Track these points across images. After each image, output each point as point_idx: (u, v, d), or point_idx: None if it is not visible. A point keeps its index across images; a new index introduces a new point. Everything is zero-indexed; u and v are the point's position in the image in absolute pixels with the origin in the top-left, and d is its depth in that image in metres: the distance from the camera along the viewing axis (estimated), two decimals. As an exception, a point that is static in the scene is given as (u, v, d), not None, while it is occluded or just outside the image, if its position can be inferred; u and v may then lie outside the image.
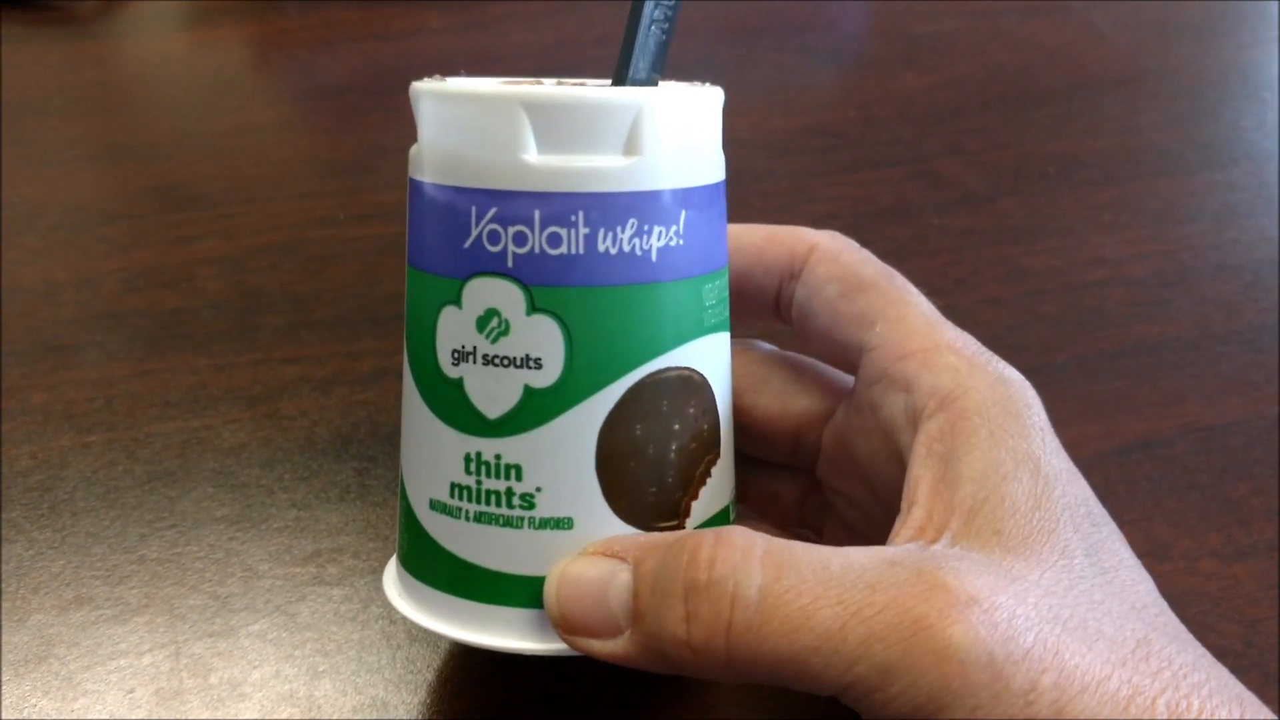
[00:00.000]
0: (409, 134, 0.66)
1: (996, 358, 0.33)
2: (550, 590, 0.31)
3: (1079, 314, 0.54)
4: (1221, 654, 0.39)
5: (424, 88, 0.31)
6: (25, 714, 0.37)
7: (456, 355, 0.31)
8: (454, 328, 0.31)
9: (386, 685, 0.38)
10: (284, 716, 0.37)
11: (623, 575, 0.30)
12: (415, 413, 0.33)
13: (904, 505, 0.31)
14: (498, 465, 0.31)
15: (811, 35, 0.76)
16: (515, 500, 0.31)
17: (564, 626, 0.30)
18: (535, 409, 0.31)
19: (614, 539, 0.31)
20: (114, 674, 0.38)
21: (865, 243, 0.36)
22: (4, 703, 0.38)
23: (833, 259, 0.35)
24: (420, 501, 0.33)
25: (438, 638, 0.36)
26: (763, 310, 0.37)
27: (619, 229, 0.30)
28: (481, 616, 0.33)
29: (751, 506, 0.40)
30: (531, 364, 0.31)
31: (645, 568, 0.29)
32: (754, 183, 0.61)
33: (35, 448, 0.46)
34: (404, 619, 0.34)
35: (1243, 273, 0.56)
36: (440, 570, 0.33)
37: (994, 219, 0.60)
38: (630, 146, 0.30)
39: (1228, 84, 0.72)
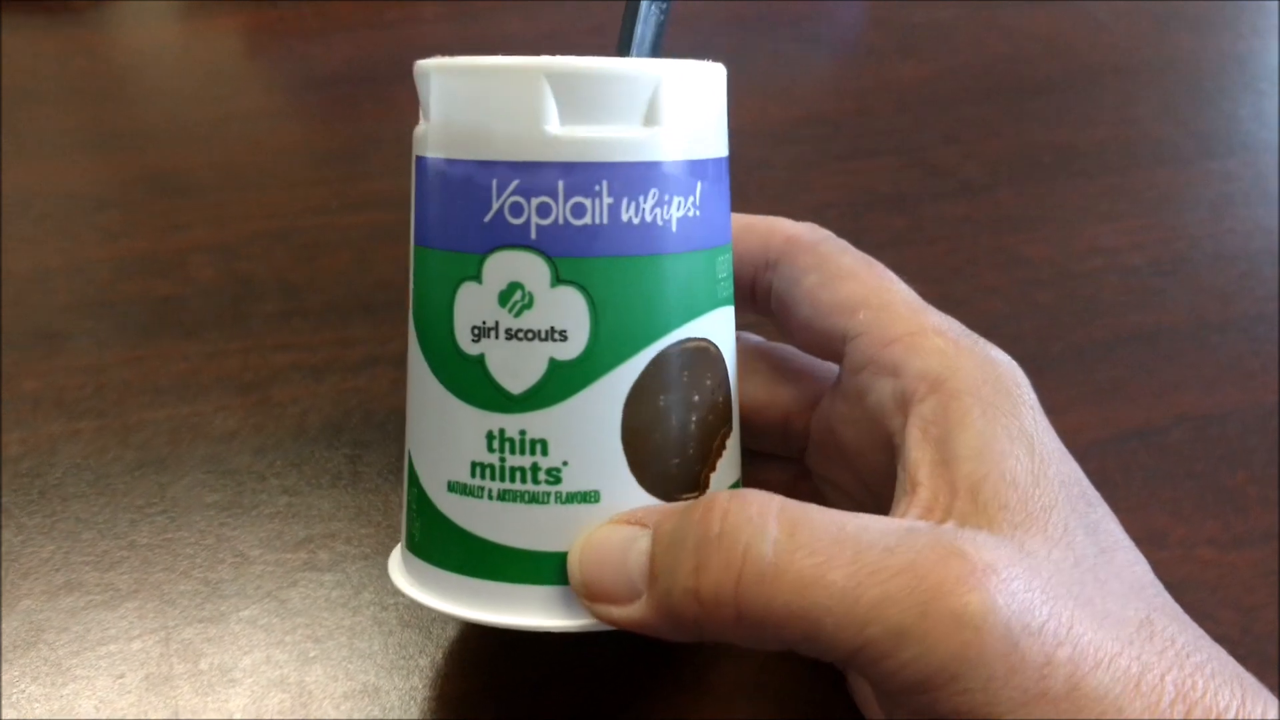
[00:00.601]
0: (402, 123, 0.66)
1: (982, 340, 0.33)
2: (574, 558, 0.31)
3: (1075, 303, 0.54)
4: (1219, 641, 0.38)
5: (435, 64, 0.31)
6: (15, 699, 0.37)
7: (477, 331, 0.31)
8: (474, 303, 0.31)
9: (378, 671, 0.38)
10: (275, 702, 0.37)
11: (642, 540, 0.30)
12: (428, 394, 0.32)
13: (906, 487, 0.30)
14: (522, 441, 0.31)
15: (809, 25, 0.76)
16: (541, 475, 0.31)
17: (586, 593, 0.30)
18: (560, 382, 0.31)
19: (638, 509, 0.31)
20: (104, 659, 0.38)
21: (862, 231, 0.36)
22: (-8, 688, 0.37)
23: (811, 249, 0.35)
24: (436, 485, 0.33)
25: (458, 621, 0.35)
26: (740, 300, 0.37)
27: (641, 199, 0.30)
28: (504, 597, 0.32)
29: None
30: (556, 336, 0.30)
31: (663, 529, 0.29)
32: (751, 172, 0.60)
33: (25, 434, 0.46)
34: (419, 605, 0.33)
35: (1239, 262, 0.56)
36: (459, 553, 0.33)
37: (991, 208, 0.60)
38: (650, 117, 0.30)
39: (1225, 75, 0.72)
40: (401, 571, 0.34)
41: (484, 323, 0.31)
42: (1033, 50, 0.73)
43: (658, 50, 0.33)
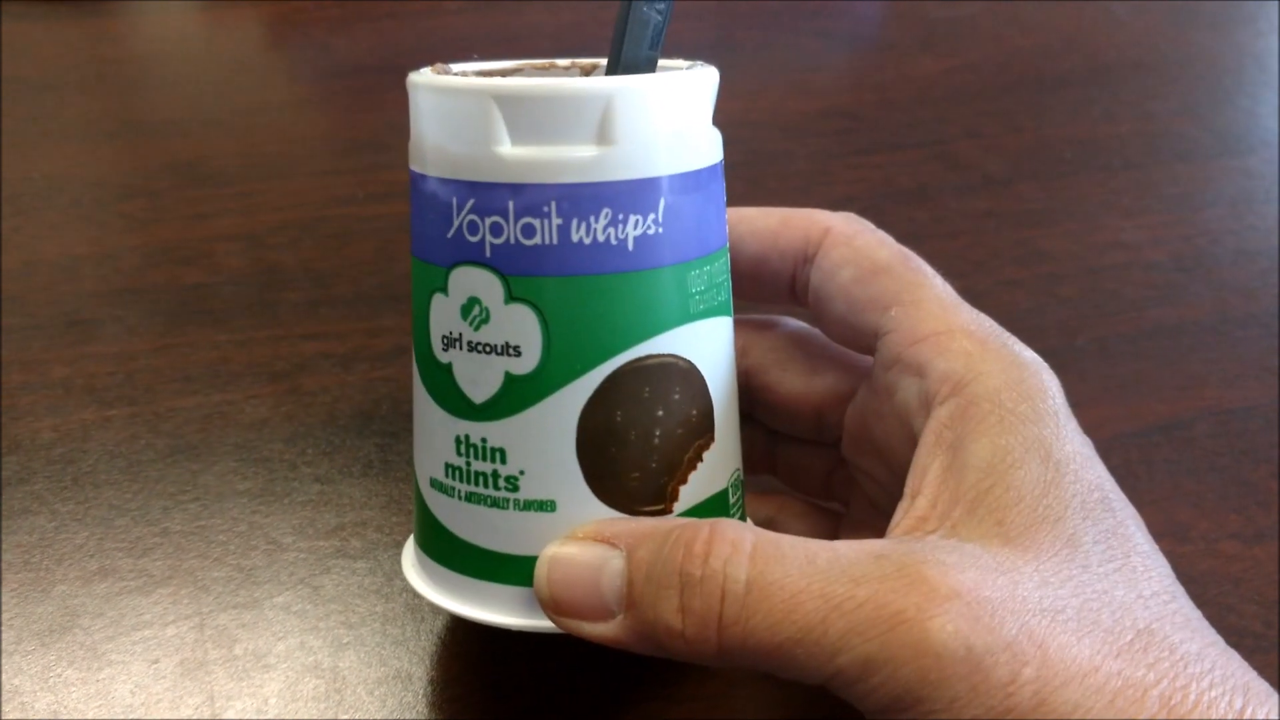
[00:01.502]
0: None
1: (1013, 339, 0.33)
2: (540, 573, 0.31)
3: (1097, 297, 0.54)
4: (1242, 635, 0.39)
5: (414, 79, 0.32)
6: (51, 683, 0.37)
7: (445, 341, 0.32)
8: (442, 314, 0.32)
9: (411, 657, 0.38)
10: (309, 687, 0.37)
11: (615, 562, 0.30)
12: (417, 394, 0.34)
13: (907, 493, 0.31)
14: (484, 448, 0.32)
15: (829, 19, 0.76)
16: (500, 482, 0.32)
17: (553, 608, 0.31)
18: (516, 395, 0.31)
19: (605, 523, 0.31)
20: (139, 645, 0.39)
21: (884, 225, 0.36)
22: (30, 672, 0.38)
23: (847, 242, 0.35)
24: (424, 479, 0.34)
25: (438, 610, 0.36)
26: (778, 294, 0.37)
27: (592, 219, 0.30)
28: (478, 592, 0.34)
29: (782, 478, 0.40)
30: (511, 351, 0.31)
31: (639, 556, 0.30)
32: (772, 164, 0.61)
33: (57, 420, 0.47)
34: (413, 591, 0.35)
35: (1260, 258, 0.57)
36: (442, 546, 0.34)
37: (1012, 202, 0.60)
38: (603, 136, 0.30)
39: (1245, 71, 0.72)
40: (409, 556, 0.36)
41: (450, 333, 0.32)
42: (1053, 45, 0.73)
43: (657, 44, 0.33)
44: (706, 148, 0.32)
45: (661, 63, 0.33)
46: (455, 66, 0.34)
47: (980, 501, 0.29)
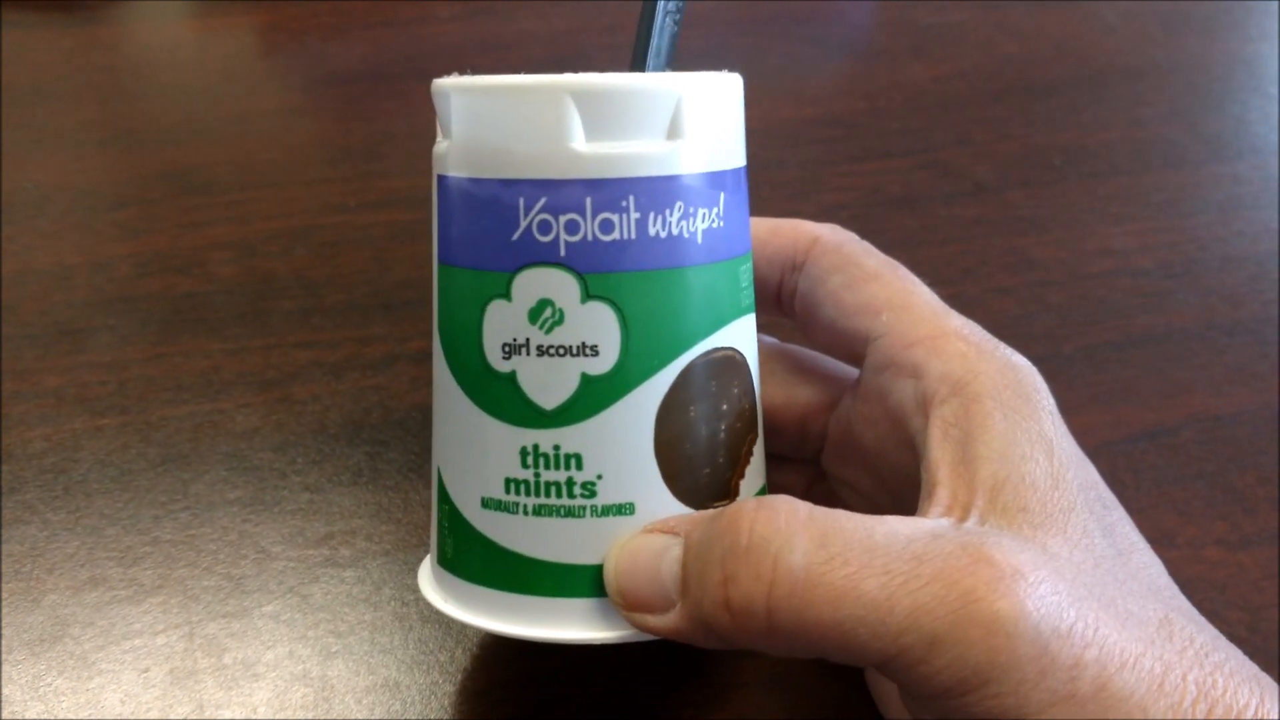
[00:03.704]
0: (418, 120, 0.66)
1: (1002, 344, 0.33)
2: (610, 567, 0.31)
3: (1086, 304, 0.54)
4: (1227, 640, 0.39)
5: (454, 84, 0.31)
6: (41, 692, 0.38)
7: (508, 349, 0.31)
8: (504, 321, 0.31)
9: (399, 666, 0.38)
10: (297, 696, 0.38)
11: (675, 549, 0.30)
12: (458, 412, 0.33)
13: (926, 487, 0.31)
14: (556, 456, 0.31)
15: (820, 26, 0.76)
16: (577, 489, 0.32)
17: (623, 602, 0.31)
18: (593, 396, 0.31)
19: (670, 518, 0.31)
20: (129, 654, 0.39)
21: (874, 232, 0.37)
22: (20, 681, 0.38)
23: (835, 250, 0.36)
24: (468, 501, 0.33)
25: (498, 638, 0.35)
26: (765, 302, 0.37)
27: (668, 212, 0.30)
28: (541, 611, 0.33)
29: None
30: (588, 351, 0.31)
31: (693, 539, 0.30)
32: (764, 172, 0.61)
33: (49, 430, 0.47)
34: (455, 621, 0.34)
35: (1248, 264, 0.57)
36: (494, 569, 0.33)
37: (1002, 209, 0.60)
38: (673, 131, 0.30)
39: (1234, 78, 0.73)
40: (434, 587, 0.35)
41: (514, 340, 0.31)
42: (1043, 52, 0.73)
43: (671, 56, 0.33)
44: (743, 148, 0.33)
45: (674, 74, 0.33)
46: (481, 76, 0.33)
47: (1000, 490, 0.29)
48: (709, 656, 0.39)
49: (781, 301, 0.37)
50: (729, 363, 0.32)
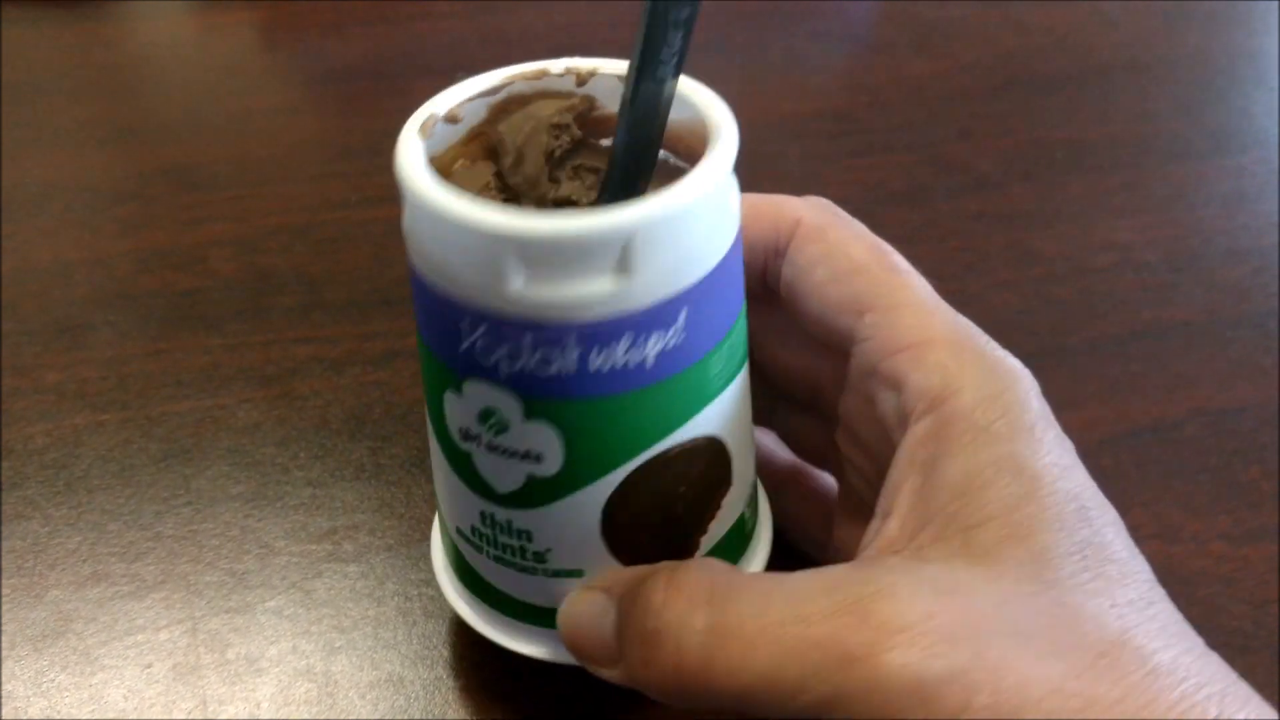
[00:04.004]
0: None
1: (993, 346, 0.32)
2: (560, 623, 0.33)
3: (1090, 298, 0.54)
4: (1232, 635, 0.39)
5: (407, 178, 0.28)
6: (44, 688, 0.38)
7: (463, 434, 0.31)
8: (458, 413, 0.31)
9: (403, 660, 0.38)
10: (301, 691, 0.37)
11: (611, 613, 0.31)
12: (437, 459, 0.33)
13: (879, 513, 0.31)
14: (509, 527, 0.32)
15: (821, 20, 0.76)
16: (528, 555, 0.32)
17: (575, 656, 0.33)
18: (540, 491, 0.31)
19: (608, 574, 0.32)
20: (131, 649, 0.39)
21: (876, 227, 0.35)
22: (23, 677, 0.38)
23: (819, 236, 0.34)
24: (452, 525, 0.35)
25: (481, 638, 0.37)
26: (750, 287, 0.35)
27: (613, 345, 0.28)
28: (513, 627, 0.35)
29: (782, 437, 0.40)
30: (533, 458, 0.30)
31: (622, 607, 0.31)
32: (765, 166, 0.61)
33: (50, 425, 0.47)
34: (452, 608, 0.37)
35: (1252, 258, 0.57)
36: (474, 583, 0.35)
37: (1005, 204, 0.60)
38: (621, 267, 0.27)
39: (1237, 71, 0.72)
40: (445, 571, 0.37)
41: (468, 430, 0.31)
42: (1046, 46, 0.73)
43: (681, 64, 0.30)
44: (729, 224, 0.30)
45: (680, 81, 0.30)
46: (440, 100, 0.31)
47: (950, 523, 0.29)
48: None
49: (767, 287, 0.36)
50: (689, 453, 0.31)
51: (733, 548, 0.35)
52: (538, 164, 0.32)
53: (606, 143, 0.33)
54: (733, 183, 0.30)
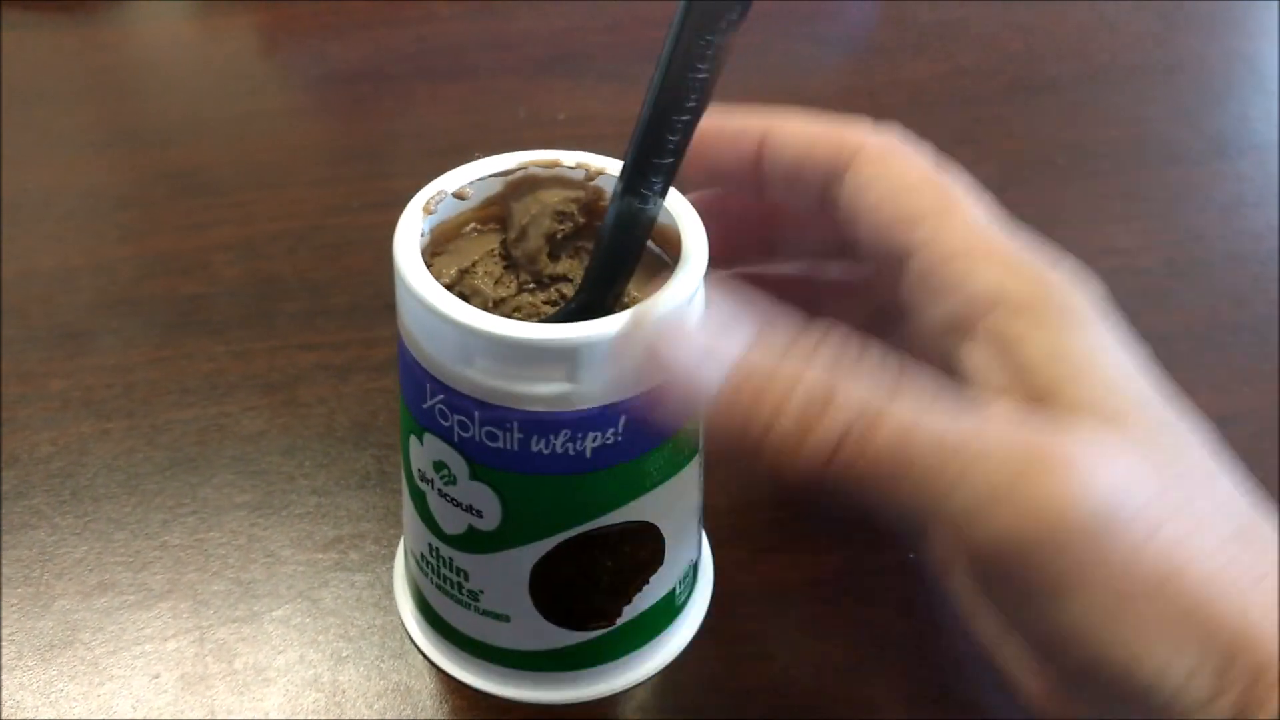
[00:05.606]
0: (420, 121, 0.66)
1: (1049, 258, 0.32)
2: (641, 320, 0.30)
3: (1090, 304, 0.54)
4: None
5: (398, 253, 0.32)
6: (53, 698, 0.38)
7: (420, 475, 0.34)
8: (418, 455, 0.34)
9: (410, 671, 0.38)
10: (309, 701, 0.38)
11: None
12: (405, 485, 0.37)
13: (979, 395, 0.30)
14: (450, 563, 0.35)
15: (821, 23, 0.76)
16: (464, 591, 0.35)
17: (736, 403, 0.29)
18: (478, 541, 0.34)
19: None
20: (139, 659, 0.39)
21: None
22: (31, 687, 0.38)
23: (880, 159, 0.34)
24: (409, 547, 0.38)
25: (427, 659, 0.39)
26: (811, 206, 0.36)
27: (550, 436, 0.31)
28: (456, 658, 0.38)
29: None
30: (475, 512, 0.33)
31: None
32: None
33: (55, 434, 0.47)
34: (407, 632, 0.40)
35: (1251, 263, 0.57)
36: (425, 609, 0.38)
37: (1004, 208, 0.60)
38: (569, 376, 0.30)
39: (1235, 75, 0.72)
40: (407, 604, 0.40)
41: (424, 473, 0.34)
42: (1045, 50, 0.73)
43: (668, 186, 0.32)
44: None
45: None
46: (450, 177, 0.34)
47: (1061, 390, 0.29)
48: (714, 658, 0.39)
49: (826, 209, 0.35)
50: (620, 535, 0.34)
51: (658, 620, 0.38)
52: (539, 243, 0.34)
53: None
54: (696, 298, 0.32)
